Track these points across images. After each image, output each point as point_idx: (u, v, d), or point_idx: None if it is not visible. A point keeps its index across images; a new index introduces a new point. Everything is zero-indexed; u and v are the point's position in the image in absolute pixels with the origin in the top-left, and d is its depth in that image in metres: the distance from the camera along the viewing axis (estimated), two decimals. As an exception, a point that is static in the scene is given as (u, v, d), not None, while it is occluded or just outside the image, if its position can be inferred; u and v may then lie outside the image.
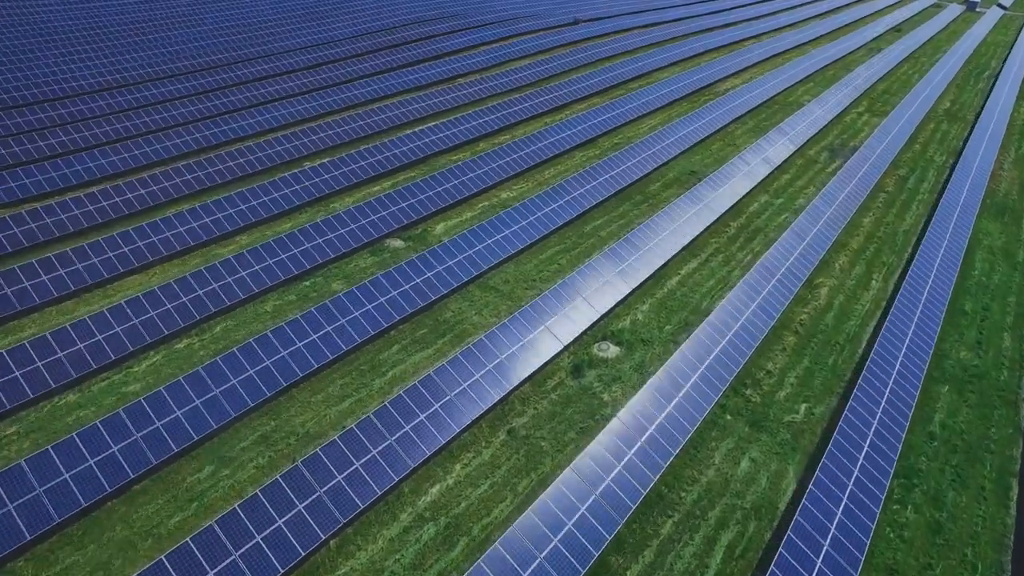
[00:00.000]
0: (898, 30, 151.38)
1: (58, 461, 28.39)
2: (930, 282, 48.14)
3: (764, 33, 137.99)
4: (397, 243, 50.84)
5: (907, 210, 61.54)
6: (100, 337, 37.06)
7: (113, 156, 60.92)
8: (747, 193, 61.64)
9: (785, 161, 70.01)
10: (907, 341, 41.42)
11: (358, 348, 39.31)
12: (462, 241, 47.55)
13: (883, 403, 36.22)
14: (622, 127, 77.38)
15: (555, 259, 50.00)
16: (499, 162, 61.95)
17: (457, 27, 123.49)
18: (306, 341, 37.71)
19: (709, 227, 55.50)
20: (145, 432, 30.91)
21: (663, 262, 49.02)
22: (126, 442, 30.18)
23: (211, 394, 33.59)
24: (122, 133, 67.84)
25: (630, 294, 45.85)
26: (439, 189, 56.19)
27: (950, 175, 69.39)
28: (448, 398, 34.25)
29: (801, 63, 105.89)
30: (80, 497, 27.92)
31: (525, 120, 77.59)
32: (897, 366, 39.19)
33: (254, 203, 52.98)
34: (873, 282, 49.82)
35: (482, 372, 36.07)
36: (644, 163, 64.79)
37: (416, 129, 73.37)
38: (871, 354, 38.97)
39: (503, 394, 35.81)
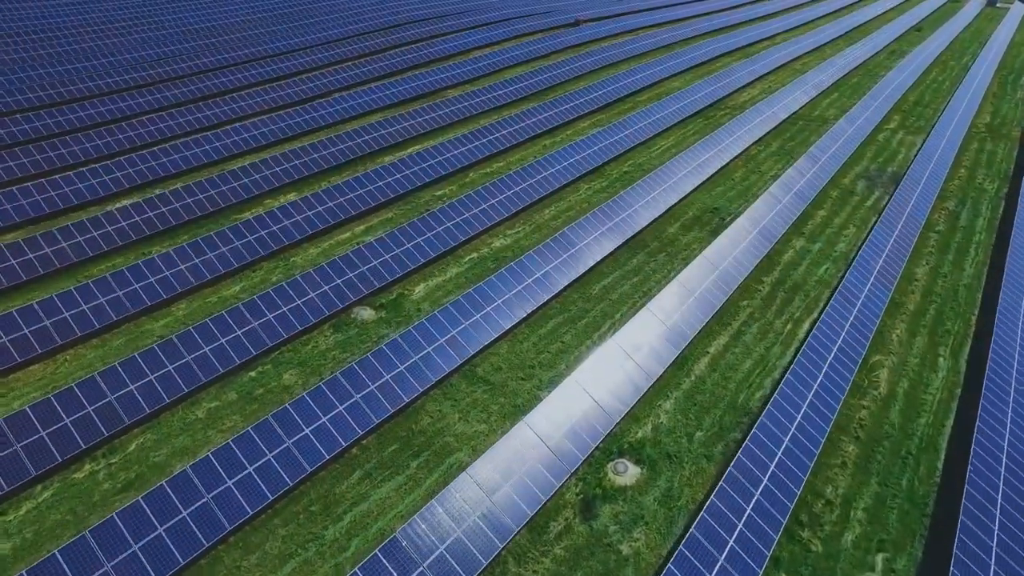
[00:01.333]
0: (919, 29, 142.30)
1: None
2: (1016, 362, 39.71)
3: (778, 34, 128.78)
4: (366, 313, 42.15)
5: (964, 256, 52.99)
6: (-34, 475, 28.49)
7: (29, 196, 51.98)
8: (780, 237, 53.04)
9: (819, 194, 61.33)
10: (1004, 457, 33.06)
11: (309, 478, 30.79)
12: (444, 317, 38.86)
13: (992, 564, 27.87)
14: (632, 151, 68.56)
15: (557, 334, 41.38)
16: (491, 201, 53.15)
17: (445, 30, 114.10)
18: (240, 476, 29.14)
19: (740, 285, 46.92)
20: (-5, 648, 22.45)
21: (689, 339, 40.48)
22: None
23: (100, 571, 25.05)
24: (43, 166, 58.74)
25: (651, 387, 37.32)
26: (419, 240, 47.42)
27: (1008, 208, 60.84)
28: (420, 570, 25.76)
29: (822, 70, 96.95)
30: None
31: (521, 143, 68.70)
32: (999, 499, 30.84)
33: (197, 261, 44.19)
34: (940, 359, 41.33)
35: (465, 525, 27.56)
36: (659, 199, 56.09)
37: (396, 157, 64.40)
38: (965, 485, 30.57)
39: (494, 553, 27.35)
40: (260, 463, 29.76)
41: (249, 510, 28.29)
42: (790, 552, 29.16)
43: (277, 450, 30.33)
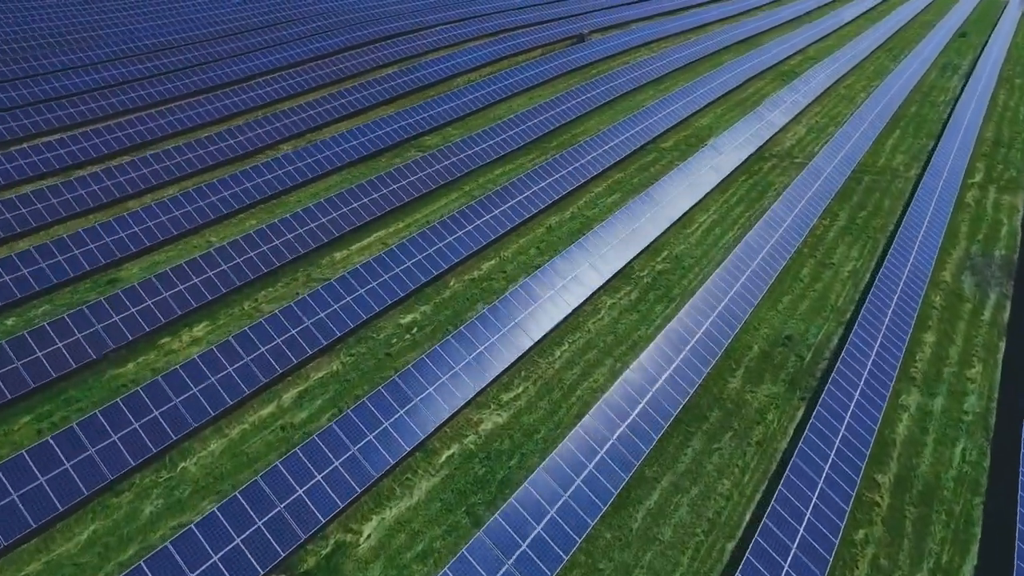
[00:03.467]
0: (963, 34, 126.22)
1: None
2: None
3: (810, 45, 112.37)
4: (281, 596, 26.61)
5: None
6: None
7: None
8: (888, 392, 37.57)
9: (922, 305, 45.77)
10: None
11: None
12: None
13: None
14: (665, 235, 52.44)
15: (587, 634, 26.00)
16: (479, 347, 37.37)
17: (421, 49, 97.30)
18: None
19: (852, 505, 31.48)
20: None
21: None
22: None
23: None
24: None
25: None
26: (372, 436, 31.58)
27: None
28: None
29: (874, 99, 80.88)
30: None
31: (519, 227, 52.35)
32: None
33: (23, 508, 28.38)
34: None
35: None
36: (712, 327, 40.35)
37: (351, 254, 48.09)
38: None
39: None
40: None
41: None
42: None
43: None
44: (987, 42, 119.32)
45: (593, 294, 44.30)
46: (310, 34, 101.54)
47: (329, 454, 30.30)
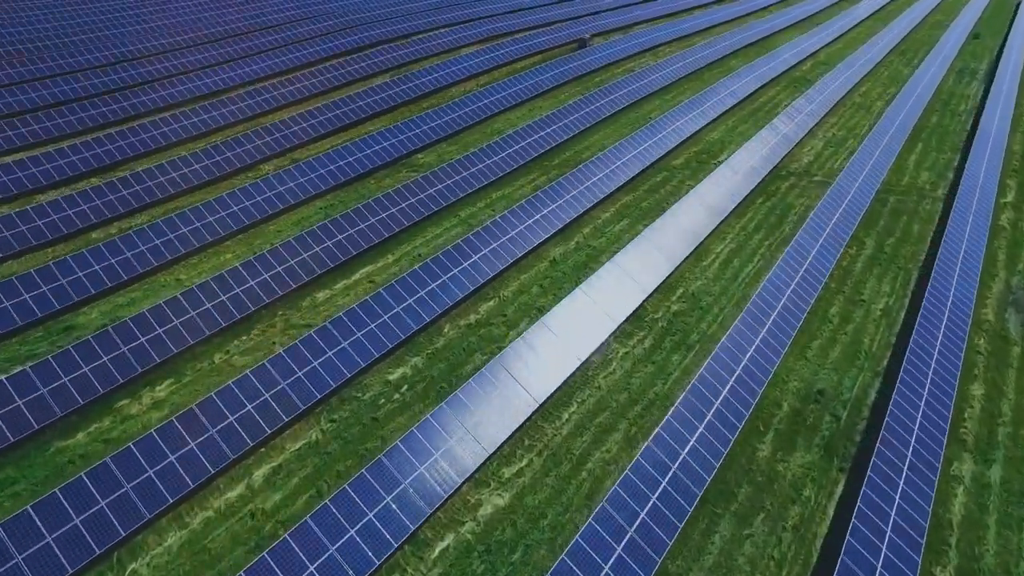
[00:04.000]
0: (977, 36, 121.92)
1: None
2: None
3: (821, 48, 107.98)
4: None
5: None
6: None
7: None
8: (939, 461, 33.29)
9: (966, 350, 41.49)
10: None
11: None
12: None
13: None
14: (680, 270, 48.10)
15: None
16: (479, 412, 32.92)
17: (415, 56, 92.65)
18: None
19: (908, 603, 27.27)
20: None
21: None
22: None
23: None
24: None
25: None
26: (355, 532, 27.17)
27: None
28: None
29: (892, 110, 76.66)
30: None
31: (520, 260, 48.01)
32: None
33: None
34: None
35: None
36: (737, 384, 36.09)
37: (327, 300, 43.61)
38: None
39: None
40: None
41: None
42: None
43: None
44: (1003, 44, 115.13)
45: (603, 342, 39.94)
46: (303, 38, 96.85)
47: (304, 558, 25.93)
